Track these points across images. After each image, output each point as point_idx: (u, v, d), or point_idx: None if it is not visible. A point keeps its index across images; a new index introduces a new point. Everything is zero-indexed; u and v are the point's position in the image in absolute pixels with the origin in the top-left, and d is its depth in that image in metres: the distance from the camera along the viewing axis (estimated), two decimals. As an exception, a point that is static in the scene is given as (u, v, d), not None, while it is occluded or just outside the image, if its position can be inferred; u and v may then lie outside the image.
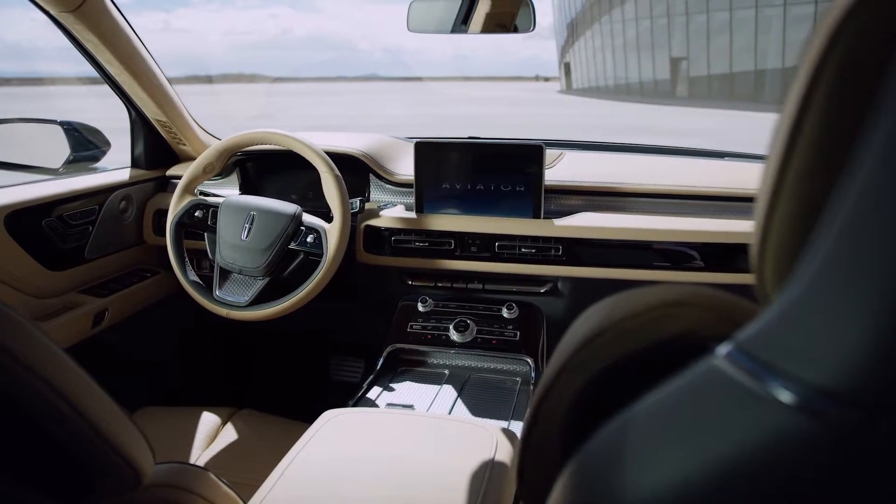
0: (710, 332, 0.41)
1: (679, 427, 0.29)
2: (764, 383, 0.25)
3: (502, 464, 0.96)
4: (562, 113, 22.59)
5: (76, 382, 0.50)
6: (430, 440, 1.02)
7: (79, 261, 1.58)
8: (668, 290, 0.44)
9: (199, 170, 1.51)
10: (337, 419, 1.07)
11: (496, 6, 1.38)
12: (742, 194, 1.52)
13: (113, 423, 0.52)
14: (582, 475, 0.36)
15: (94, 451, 0.50)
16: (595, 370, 0.44)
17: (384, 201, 1.67)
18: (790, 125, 0.32)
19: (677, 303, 0.42)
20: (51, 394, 0.47)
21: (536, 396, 0.47)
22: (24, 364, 0.46)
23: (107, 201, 1.63)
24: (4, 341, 0.46)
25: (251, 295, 1.45)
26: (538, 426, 0.46)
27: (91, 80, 28.87)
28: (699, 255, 1.45)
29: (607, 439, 0.35)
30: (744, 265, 1.44)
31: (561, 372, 0.45)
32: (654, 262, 1.46)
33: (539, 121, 19.21)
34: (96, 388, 0.53)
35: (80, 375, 0.51)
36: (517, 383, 1.39)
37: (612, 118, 19.93)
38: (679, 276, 1.46)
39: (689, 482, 0.26)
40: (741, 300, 0.42)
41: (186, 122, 1.76)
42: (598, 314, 0.47)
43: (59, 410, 0.47)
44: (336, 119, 19.33)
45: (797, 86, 0.33)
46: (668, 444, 0.29)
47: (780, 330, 0.27)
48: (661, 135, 14.50)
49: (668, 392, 0.31)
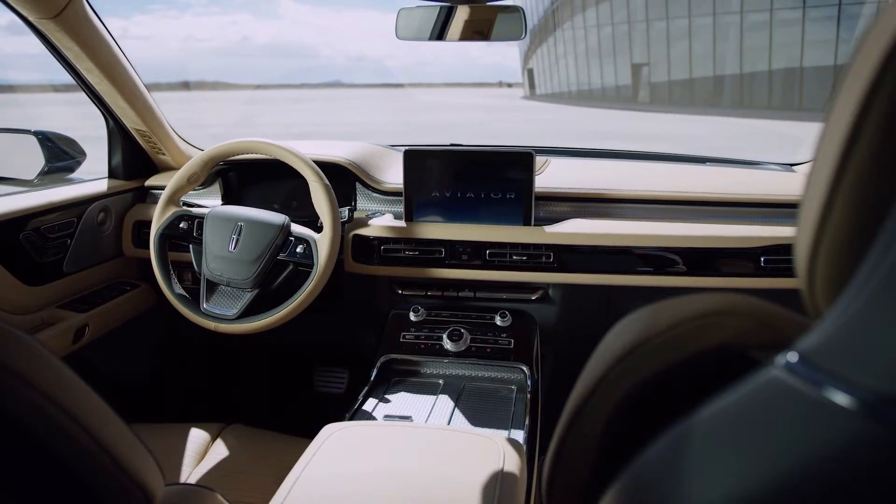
0: (752, 341, 0.41)
1: (740, 439, 0.28)
2: (828, 392, 0.25)
3: (512, 474, 0.96)
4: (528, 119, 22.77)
5: (89, 406, 0.48)
6: (437, 453, 1.00)
7: (57, 275, 1.53)
8: (708, 299, 0.44)
9: (183, 180, 1.47)
10: (339, 434, 1.05)
11: (479, 14, 1.38)
12: (726, 199, 1.55)
13: (125, 446, 0.51)
14: (636, 490, 0.35)
15: (107, 476, 0.49)
16: (635, 382, 0.43)
17: (371, 210, 1.65)
18: (848, 130, 0.31)
19: (719, 312, 0.42)
20: (65, 419, 0.45)
21: (570, 409, 0.46)
22: (38, 390, 0.44)
23: (85, 213, 1.59)
24: (19, 367, 0.44)
25: (240, 307, 1.42)
26: (571, 439, 0.46)
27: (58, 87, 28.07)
28: (682, 260, 1.47)
29: (662, 453, 0.34)
30: (725, 269, 1.47)
31: (599, 384, 0.44)
32: (643, 268, 1.47)
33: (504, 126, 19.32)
34: (108, 410, 0.51)
35: (92, 398, 0.50)
36: (512, 391, 1.38)
37: (576, 123, 20.16)
38: (671, 281, 1.48)
39: (751, 493, 0.26)
40: (781, 309, 0.42)
41: (166, 131, 1.72)
42: (636, 325, 0.46)
43: (74, 437, 0.46)
44: (300, 127, 19.17)
45: (855, 87, 0.31)
46: (729, 456, 0.28)
47: (843, 339, 0.26)
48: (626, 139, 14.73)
49: (725, 404, 0.31)
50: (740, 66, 21.32)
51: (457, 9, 1.36)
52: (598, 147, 1.98)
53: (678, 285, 1.48)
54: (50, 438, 0.45)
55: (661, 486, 0.32)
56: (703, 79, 22.97)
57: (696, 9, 21.59)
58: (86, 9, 1.34)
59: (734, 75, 21.81)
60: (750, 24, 20.39)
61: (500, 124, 20.16)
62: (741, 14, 20.44)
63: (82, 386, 0.49)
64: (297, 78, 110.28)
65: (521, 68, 38.13)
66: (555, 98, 32.10)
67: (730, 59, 21.66)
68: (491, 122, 20.90)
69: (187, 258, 1.61)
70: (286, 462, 1.30)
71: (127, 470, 0.50)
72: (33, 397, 0.43)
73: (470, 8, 1.37)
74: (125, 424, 0.53)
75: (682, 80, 23.76)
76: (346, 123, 20.88)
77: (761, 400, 0.29)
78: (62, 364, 0.48)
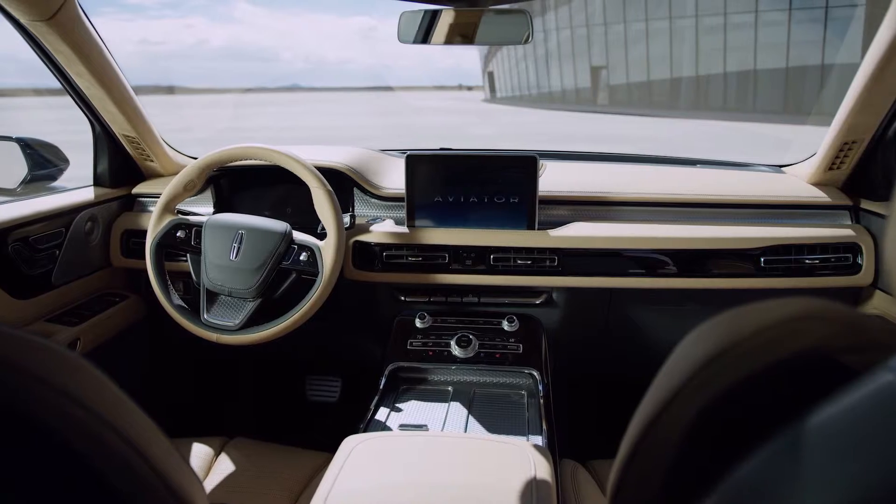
0: (841, 345, 0.40)
1: (856, 444, 0.28)
2: None
3: (545, 481, 0.95)
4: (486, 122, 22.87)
5: (134, 421, 0.46)
6: (466, 462, 0.99)
7: (46, 287, 1.47)
8: (790, 304, 0.43)
9: (179, 187, 1.43)
10: (362, 446, 1.03)
11: (483, 18, 1.37)
12: (723, 201, 1.58)
13: (170, 462, 0.49)
14: (739, 501, 0.34)
15: (153, 494, 0.47)
16: (717, 390, 0.42)
17: (370, 216, 1.63)
18: None
19: (807, 317, 0.42)
20: (111, 435, 0.43)
21: (645, 418, 0.45)
22: (87, 407, 0.42)
23: (73, 223, 1.53)
24: (66, 384, 0.41)
25: (242, 317, 1.38)
26: (645, 449, 0.44)
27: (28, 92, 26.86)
28: (683, 262, 1.49)
29: (766, 463, 0.33)
30: (726, 270, 1.49)
31: (677, 394, 0.43)
32: (645, 269, 1.49)
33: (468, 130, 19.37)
34: (153, 425, 0.49)
35: (137, 413, 0.48)
36: (523, 396, 1.37)
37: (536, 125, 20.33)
38: (672, 283, 1.49)
39: (868, 499, 0.26)
40: (862, 312, 0.42)
41: (155, 137, 1.67)
42: (717, 332, 0.45)
43: (123, 456, 0.44)
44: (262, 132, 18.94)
45: None
46: (845, 462, 0.28)
47: None
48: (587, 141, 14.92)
49: (836, 410, 0.30)
50: (696, 68, 21.78)
51: (459, 14, 1.35)
52: (591, 151, 1.99)
53: (679, 287, 1.50)
54: (95, 454, 0.43)
55: (769, 496, 0.32)
56: (660, 81, 23.39)
57: (652, 12, 21.98)
58: (79, 12, 1.30)
59: (690, 77, 22.27)
60: (705, 28, 20.85)
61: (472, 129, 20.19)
62: (696, 18, 20.88)
63: (128, 401, 0.47)
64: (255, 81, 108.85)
65: (482, 71, 38.31)
66: (515, 101, 32.31)
67: (686, 62, 22.11)
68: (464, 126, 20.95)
69: (179, 267, 1.57)
70: (296, 475, 1.27)
71: (174, 488, 0.48)
72: (79, 414, 0.41)
73: (473, 12, 1.36)
74: (168, 439, 0.51)
75: (640, 82, 24.15)
76: (306, 128, 20.66)
77: (877, 404, 0.28)
78: (107, 378, 0.46)
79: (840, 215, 1.58)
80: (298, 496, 1.21)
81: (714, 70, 21.22)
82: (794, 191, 1.59)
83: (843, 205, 1.57)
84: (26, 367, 0.42)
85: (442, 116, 25.69)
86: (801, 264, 1.48)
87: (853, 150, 1.49)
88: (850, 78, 1.35)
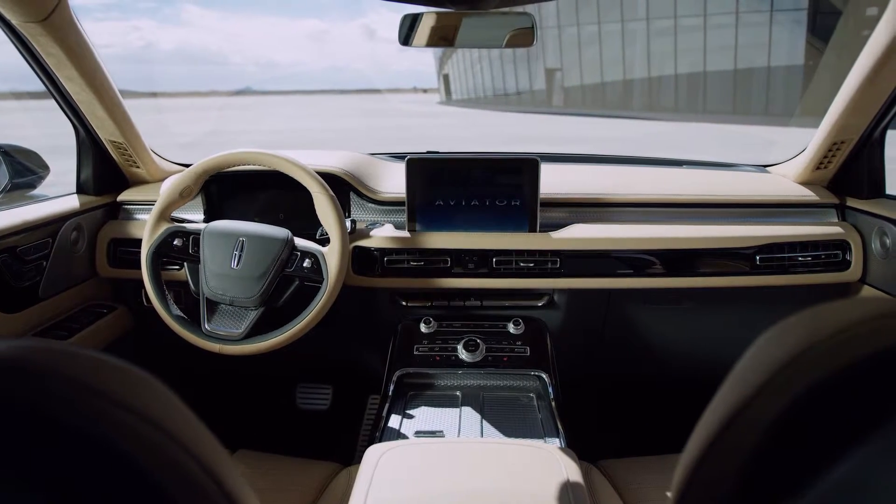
0: None
1: None
2: None
3: (578, 484, 0.95)
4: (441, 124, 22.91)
5: (208, 445, 0.44)
6: (497, 467, 0.98)
7: (33, 300, 1.41)
8: (872, 302, 0.44)
9: (175, 194, 1.38)
10: (388, 455, 1.01)
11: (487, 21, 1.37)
12: (716, 201, 1.61)
13: (234, 481, 0.47)
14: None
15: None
16: (800, 390, 0.41)
17: (368, 220, 1.61)
18: None
19: (887, 314, 0.42)
20: (192, 464, 0.41)
21: (719, 420, 0.44)
22: (164, 430, 0.40)
23: (59, 232, 1.47)
24: (145, 406, 0.39)
25: (246, 326, 1.35)
26: (718, 452, 0.44)
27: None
28: (681, 261, 1.51)
29: (867, 463, 0.33)
30: (723, 268, 1.52)
31: (757, 395, 0.43)
32: (645, 270, 1.51)
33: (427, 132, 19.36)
34: (222, 449, 0.47)
35: (212, 439, 0.46)
36: (532, 399, 1.37)
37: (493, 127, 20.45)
38: (670, 282, 1.51)
39: None
40: None
41: (143, 143, 1.62)
42: (795, 332, 0.45)
43: (198, 481, 0.41)
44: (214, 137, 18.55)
45: None
46: None
47: None
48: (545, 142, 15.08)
49: None
50: (648, 70, 22.22)
51: (462, 16, 1.34)
52: (581, 153, 2.00)
53: (678, 286, 1.52)
54: (171, 479, 0.41)
55: (872, 498, 0.32)
56: (613, 83, 23.78)
57: (604, 15, 22.33)
58: (71, 14, 1.25)
59: (643, 79, 22.70)
60: (656, 31, 21.28)
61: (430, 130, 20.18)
62: (647, 21, 21.30)
63: (200, 423, 0.45)
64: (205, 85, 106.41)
65: (437, 73, 38.38)
66: (471, 103, 32.44)
67: (638, 64, 22.54)
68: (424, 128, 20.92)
69: (170, 276, 1.52)
70: (308, 487, 1.24)
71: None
72: (158, 439, 0.39)
73: (476, 15, 1.36)
74: (230, 456, 0.49)
75: (594, 84, 24.51)
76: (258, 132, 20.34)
77: None
78: (179, 400, 0.45)
79: (827, 213, 1.62)
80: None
81: (665, 72, 21.69)
82: (783, 190, 1.63)
83: (830, 203, 1.62)
84: (106, 390, 0.40)
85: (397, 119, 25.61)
86: (794, 262, 1.52)
87: (841, 149, 1.54)
88: (794, 79, 1.39)
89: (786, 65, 18.12)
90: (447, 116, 26.92)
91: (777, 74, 18.39)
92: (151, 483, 0.39)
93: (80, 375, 0.40)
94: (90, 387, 0.40)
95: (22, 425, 0.33)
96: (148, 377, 0.44)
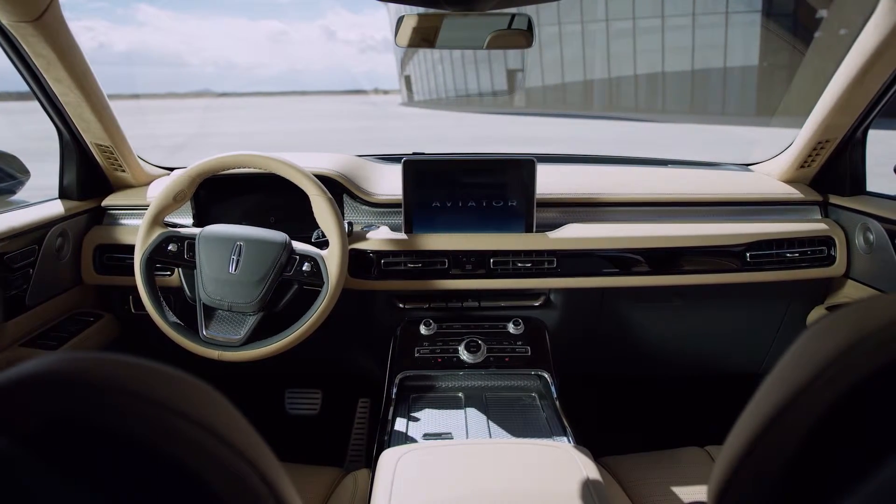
0: None
1: None
2: None
3: (598, 482, 0.95)
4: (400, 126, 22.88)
5: (269, 460, 0.44)
6: (516, 468, 0.98)
7: (20, 309, 1.36)
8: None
9: (168, 198, 1.35)
10: (404, 459, 1.01)
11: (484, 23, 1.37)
12: (706, 199, 1.64)
13: (291, 493, 0.46)
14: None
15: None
16: (850, 384, 0.41)
17: (362, 223, 1.59)
18: None
19: None
20: (254, 478, 0.40)
21: (766, 414, 0.44)
22: (228, 444, 0.39)
23: (45, 239, 1.42)
24: (207, 418, 0.40)
25: (245, 332, 1.32)
26: (764, 446, 0.44)
27: None
28: (675, 259, 1.54)
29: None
30: (715, 266, 1.55)
31: (805, 389, 0.42)
32: (639, 268, 1.52)
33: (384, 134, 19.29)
34: (279, 464, 0.46)
35: (268, 451, 0.45)
36: (534, 398, 1.38)
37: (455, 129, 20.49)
38: (664, 280, 1.53)
39: None
40: None
41: (129, 147, 1.58)
42: (845, 325, 0.44)
43: (259, 495, 0.41)
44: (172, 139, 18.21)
45: None
46: None
47: None
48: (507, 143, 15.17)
49: None
50: (608, 70, 22.53)
51: (458, 17, 1.34)
52: (569, 154, 2.02)
53: (671, 284, 1.54)
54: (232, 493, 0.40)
55: None
56: (574, 83, 24.04)
57: (564, 16, 22.57)
58: (62, 15, 1.21)
59: (603, 80, 23.01)
60: (616, 32, 21.58)
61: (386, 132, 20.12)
62: (606, 22, 21.59)
63: (258, 437, 0.45)
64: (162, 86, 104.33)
65: (399, 75, 38.28)
66: (433, 104, 32.46)
67: (598, 65, 22.83)
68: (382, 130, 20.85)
69: (163, 283, 1.49)
70: (312, 493, 1.22)
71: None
72: (223, 453, 0.39)
73: (474, 16, 1.36)
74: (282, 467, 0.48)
75: (555, 84, 24.74)
76: (221, 133, 20.04)
77: None
78: (231, 405, 0.45)
79: (811, 210, 1.67)
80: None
81: (625, 72, 22.02)
82: (769, 188, 1.67)
83: (814, 200, 1.66)
84: (169, 401, 0.39)
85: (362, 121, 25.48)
86: (782, 258, 1.55)
87: (825, 148, 1.58)
88: (749, 79, 1.43)
89: (741, 65, 18.57)
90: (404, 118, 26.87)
91: (733, 75, 18.84)
92: (211, 494, 0.38)
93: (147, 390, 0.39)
94: (161, 403, 0.39)
95: (90, 439, 0.33)
96: (210, 388, 0.43)
